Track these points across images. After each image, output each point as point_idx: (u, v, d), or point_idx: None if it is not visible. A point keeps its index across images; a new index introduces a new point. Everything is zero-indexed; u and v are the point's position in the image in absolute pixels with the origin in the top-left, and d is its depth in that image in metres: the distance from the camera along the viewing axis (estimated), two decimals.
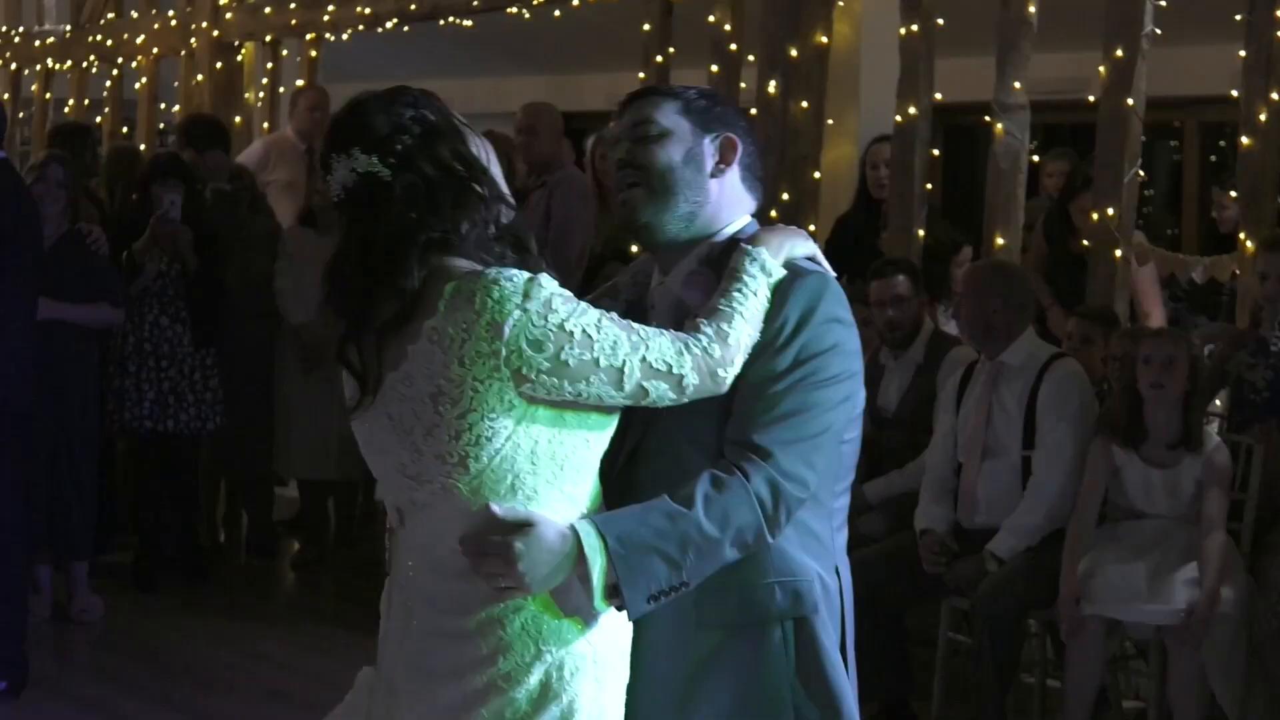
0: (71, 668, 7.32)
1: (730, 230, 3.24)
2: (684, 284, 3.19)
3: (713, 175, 3.21)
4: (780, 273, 3.09)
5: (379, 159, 2.91)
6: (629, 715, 3.05)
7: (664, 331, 2.94)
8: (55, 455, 7.59)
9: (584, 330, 2.84)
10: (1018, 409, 6.42)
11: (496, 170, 3.04)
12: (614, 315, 2.92)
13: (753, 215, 3.31)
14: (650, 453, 3.11)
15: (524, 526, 2.83)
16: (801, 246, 3.19)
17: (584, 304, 2.89)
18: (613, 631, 2.97)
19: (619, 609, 2.90)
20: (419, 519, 2.96)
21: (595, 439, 2.96)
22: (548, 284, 2.85)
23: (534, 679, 2.88)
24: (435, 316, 2.84)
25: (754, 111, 8.64)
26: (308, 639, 7.74)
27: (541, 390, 2.84)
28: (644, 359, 2.89)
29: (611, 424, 2.99)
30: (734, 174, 3.24)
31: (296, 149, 10.59)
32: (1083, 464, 6.25)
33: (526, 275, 2.84)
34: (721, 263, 3.14)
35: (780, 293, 3.07)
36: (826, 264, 3.23)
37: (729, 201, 3.25)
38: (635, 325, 2.92)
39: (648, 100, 3.24)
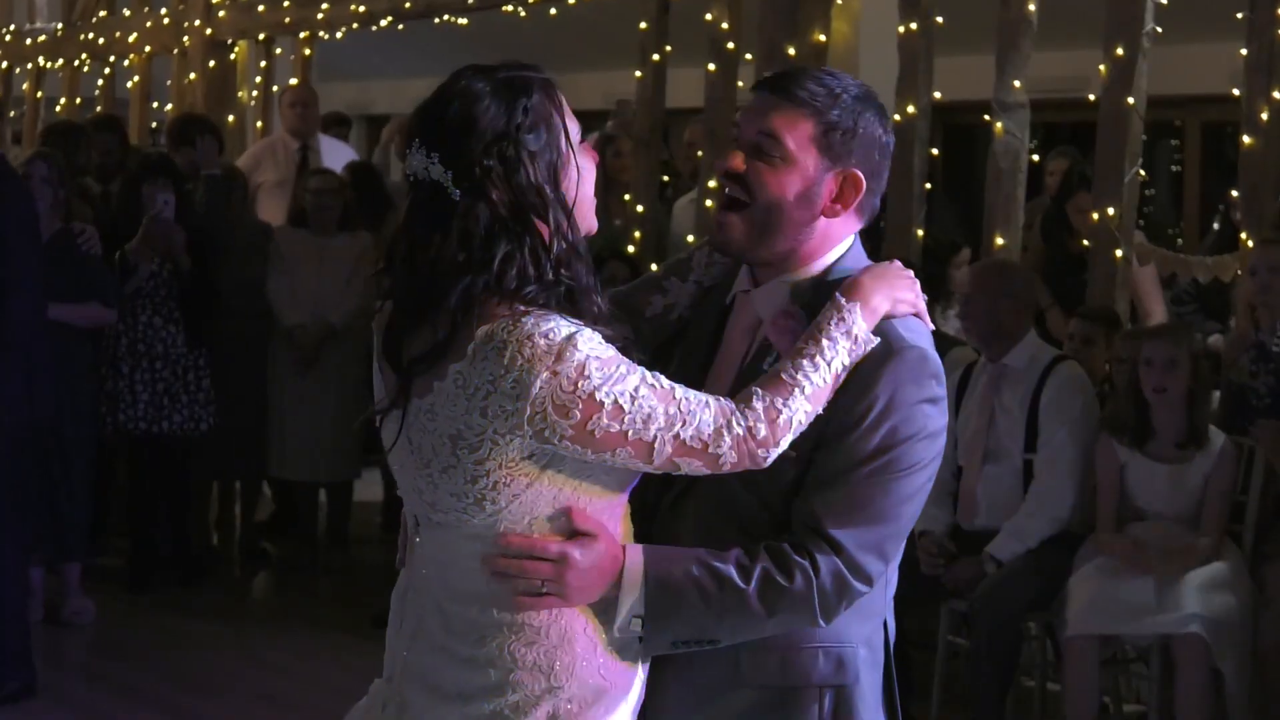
0: (64, 671, 7.31)
1: (830, 258, 3.03)
2: (772, 325, 2.99)
3: (824, 214, 2.99)
4: (871, 343, 2.89)
5: (454, 178, 2.78)
6: None
7: (709, 403, 2.79)
8: (49, 456, 7.58)
9: (616, 401, 2.72)
10: (1020, 412, 6.42)
11: (588, 192, 2.92)
12: (658, 378, 2.78)
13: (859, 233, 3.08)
14: (702, 490, 2.97)
15: (586, 536, 2.81)
16: (904, 296, 2.98)
17: (626, 367, 2.75)
18: (625, 675, 2.91)
19: (640, 640, 2.87)
20: (433, 535, 2.92)
21: (624, 486, 2.90)
22: (585, 345, 2.71)
23: (542, 712, 2.83)
24: (462, 362, 2.75)
25: None
26: (301, 642, 7.74)
27: (563, 453, 2.76)
28: (678, 435, 2.76)
29: (637, 477, 2.90)
30: (849, 213, 3.01)
31: (288, 148, 10.59)
32: (1085, 468, 6.26)
33: (565, 333, 2.71)
34: (816, 303, 2.94)
35: (872, 371, 2.88)
36: (928, 316, 3.04)
37: (835, 235, 3.02)
38: (679, 393, 2.78)
39: (784, 110, 2.96)
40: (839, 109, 2.95)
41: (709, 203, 8.30)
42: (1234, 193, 7.63)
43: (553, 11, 10.61)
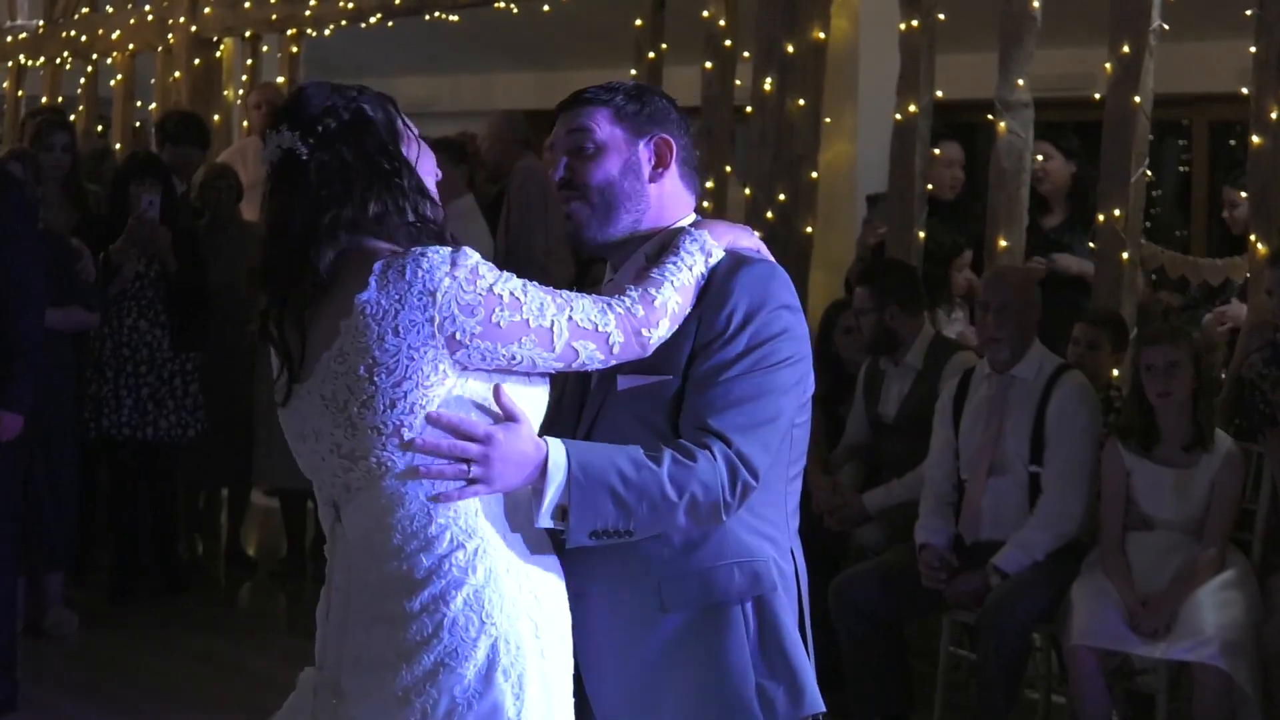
0: (45, 684, 7.30)
1: (676, 227, 3.37)
2: (633, 276, 3.28)
3: (651, 180, 3.35)
4: (720, 253, 3.26)
5: (300, 137, 3.04)
6: (591, 703, 3.22)
7: (585, 294, 3.10)
8: (32, 464, 7.58)
9: (512, 293, 2.98)
10: (1027, 423, 6.43)
11: (429, 175, 3.18)
12: (537, 283, 3.04)
13: (695, 210, 3.44)
14: (602, 432, 3.23)
15: (510, 420, 3.00)
16: (746, 239, 3.35)
17: (508, 272, 3.01)
18: (555, 604, 3.10)
19: (561, 534, 3.06)
20: (354, 506, 3.06)
21: (529, 413, 3.06)
22: (472, 254, 2.99)
23: (480, 653, 2.97)
24: (368, 290, 2.95)
25: (750, 109, 8.65)
26: (288, 653, 7.71)
27: (476, 356, 2.97)
28: (570, 318, 3.03)
29: (542, 398, 3.12)
30: (671, 174, 3.37)
31: (258, 149, 10.58)
32: (1092, 480, 6.27)
33: (450, 247, 2.99)
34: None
35: (728, 280, 3.21)
36: (769, 256, 3.37)
37: (670, 202, 3.37)
38: (558, 290, 3.06)
39: (580, 110, 3.35)
40: (622, 94, 3.36)
41: (705, 204, 8.31)
42: (1242, 194, 7.62)
43: (545, 8, 10.62)
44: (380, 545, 3.02)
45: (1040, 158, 8.08)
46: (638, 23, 9.54)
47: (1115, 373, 6.90)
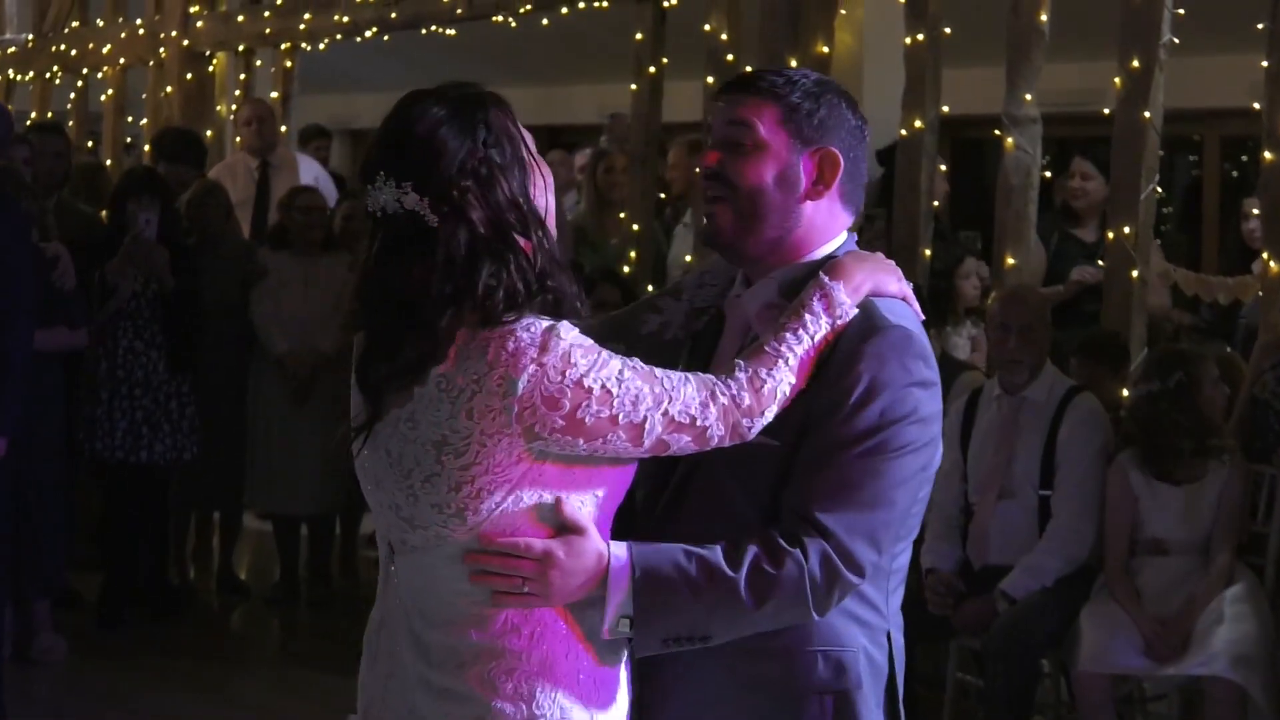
0: (33, 712, 7.29)
1: (822, 253, 3.11)
2: (757, 316, 3.08)
3: (806, 197, 3.08)
4: (850, 314, 2.96)
5: (431, 205, 2.82)
6: None
7: (690, 378, 2.87)
8: (21, 486, 7.57)
9: (604, 385, 2.78)
10: (1038, 446, 6.42)
11: (551, 203, 2.96)
12: (638, 362, 2.85)
13: (849, 230, 3.19)
14: (696, 489, 3.04)
15: (572, 534, 2.84)
16: (889, 283, 3.05)
17: (606, 354, 2.82)
18: (615, 696, 2.94)
19: (629, 642, 2.90)
20: (409, 560, 2.93)
21: (608, 495, 2.92)
22: (567, 334, 2.79)
23: None
24: (446, 364, 2.81)
25: None
26: (283, 681, 7.73)
27: (554, 447, 2.80)
28: (666, 412, 2.82)
29: (626, 479, 2.94)
30: (831, 193, 3.10)
31: (247, 166, 10.60)
32: (1103, 504, 6.27)
33: (545, 325, 2.79)
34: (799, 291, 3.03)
35: (856, 347, 2.94)
36: (916, 304, 3.11)
37: (823, 222, 3.11)
38: (659, 374, 2.85)
39: (747, 101, 3.08)
40: (799, 92, 3.07)
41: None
42: (1254, 210, 7.63)
43: (545, 21, 10.64)
44: (432, 609, 2.90)
45: (1079, 176, 8.12)
46: (638, 37, 9.55)
47: (1125, 392, 6.90)
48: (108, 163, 12.26)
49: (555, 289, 2.87)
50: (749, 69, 8.36)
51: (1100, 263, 7.86)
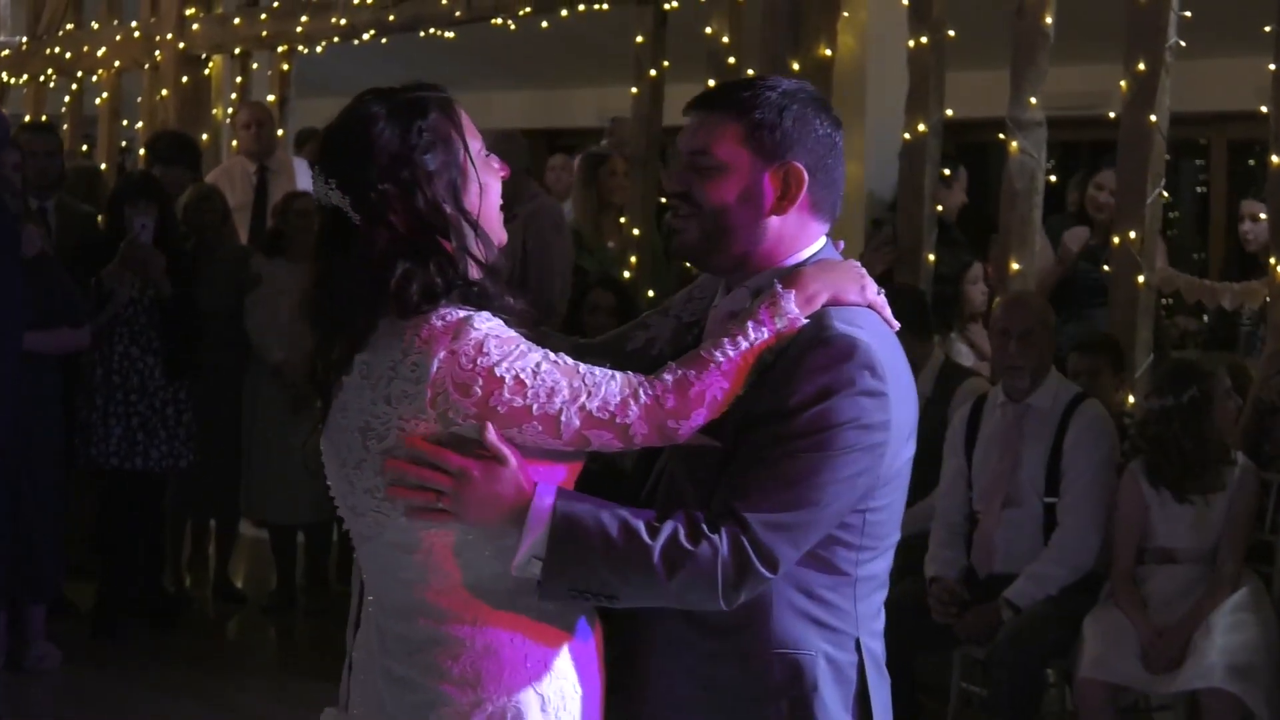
0: None
1: (793, 262, 3.14)
2: (714, 322, 3.15)
3: (772, 212, 3.11)
4: (798, 323, 2.98)
5: (352, 204, 2.94)
6: None
7: (616, 376, 2.91)
8: (18, 492, 7.58)
9: (516, 376, 2.84)
10: (1043, 453, 6.43)
11: (494, 201, 3.06)
12: (561, 357, 2.90)
13: (827, 236, 3.21)
14: (663, 487, 3.14)
15: (494, 459, 2.87)
16: (849, 292, 3.07)
17: (526, 345, 2.88)
18: (572, 680, 2.99)
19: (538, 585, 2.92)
20: (364, 551, 3.03)
21: (562, 471, 2.97)
22: (482, 324, 2.87)
23: None
24: (366, 351, 2.92)
25: None
26: (280, 690, 7.73)
27: (471, 433, 2.86)
28: (584, 408, 2.86)
29: (558, 475, 2.97)
30: (798, 206, 3.12)
31: (245, 170, 10.60)
32: (1110, 512, 6.27)
33: (461, 314, 2.87)
34: None
35: (797, 357, 2.96)
36: (886, 310, 3.14)
37: (790, 235, 3.13)
38: (583, 369, 2.90)
39: (709, 119, 3.13)
40: (763, 107, 3.09)
41: None
42: (1262, 215, 7.63)
43: (544, 24, 10.64)
44: (385, 597, 3.00)
45: (1108, 190, 8.15)
46: (639, 39, 9.55)
47: (1131, 399, 6.91)
48: (103, 166, 12.27)
49: (480, 288, 2.95)
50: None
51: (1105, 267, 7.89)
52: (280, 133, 11.53)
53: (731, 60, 9.02)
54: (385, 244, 2.92)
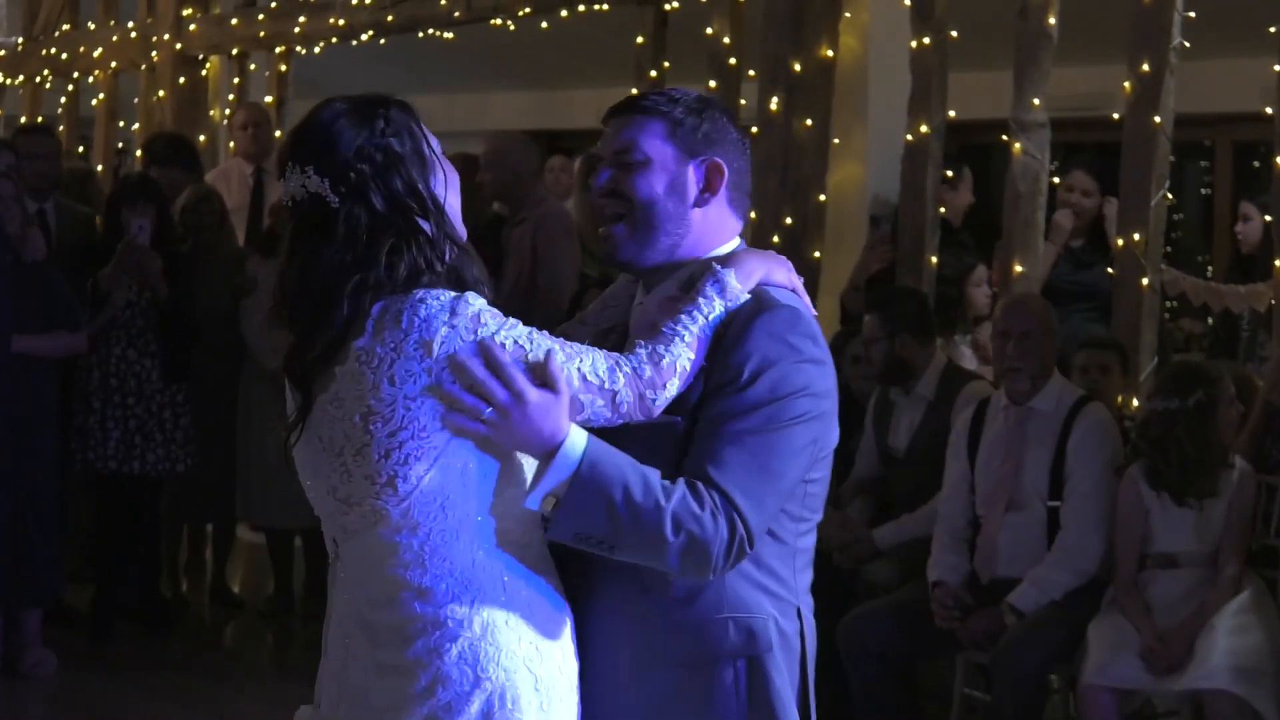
0: None
1: (715, 255, 3.33)
2: (659, 307, 3.28)
3: (696, 204, 3.30)
4: (741, 298, 3.19)
5: (330, 185, 3.04)
6: None
7: (595, 350, 3.08)
8: (15, 496, 7.58)
9: (516, 341, 2.99)
10: (1046, 457, 6.43)
11: (455, 202, 3.17)
12: (545, 332, 3.05)
13: (740, 236, 3.39)
14: None
15: (549, 389, 2.98)
16: (779, 275, 3.28)
17: (513, 319, 3.02)
18: (558, 660, 3.09)
19: (544, 518, 3.06)
20: (351, 546, 3.11)
21: (528, 461, 3.07)
22: (475, 300, 3.00)
23: (475, 708, 3.00)
24: (364, 337, 2.99)
25: (755, 130, 8.66)
26: (277, 696, 7.72)
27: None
28: (578, 369, 3.02)
29: None
30: (719, 200, 3.32)
31: (242, 172, 10.60)
32: (1113, 517, 6.28)
33: (452, 294, 3.00)
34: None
35: (746, 325, 3.15)
36: (806, 297, 3.32)
37: (713, 228, 3.33)
38: (568, 343, 3.05)
39: (631, 120, 3.31)
40: (681, 108, 3.32)
41: None
42: (1267, 217, 7.63)
43: (544, 25, 10.64)
44: (376, 591, 3.06)
45: (1080, 192, 8.15)
46: (639, 40, 9.56)
47: (1135, 402, 6.91)
48: (99, 168, 12.27)
49: (458, 268, 3.08)
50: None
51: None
52: (278, 134, 11.53)
53: (732, 61, 9.02)
54: (368, 222, 3.03)
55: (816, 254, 8.47)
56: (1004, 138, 7.80)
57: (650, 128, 3.29)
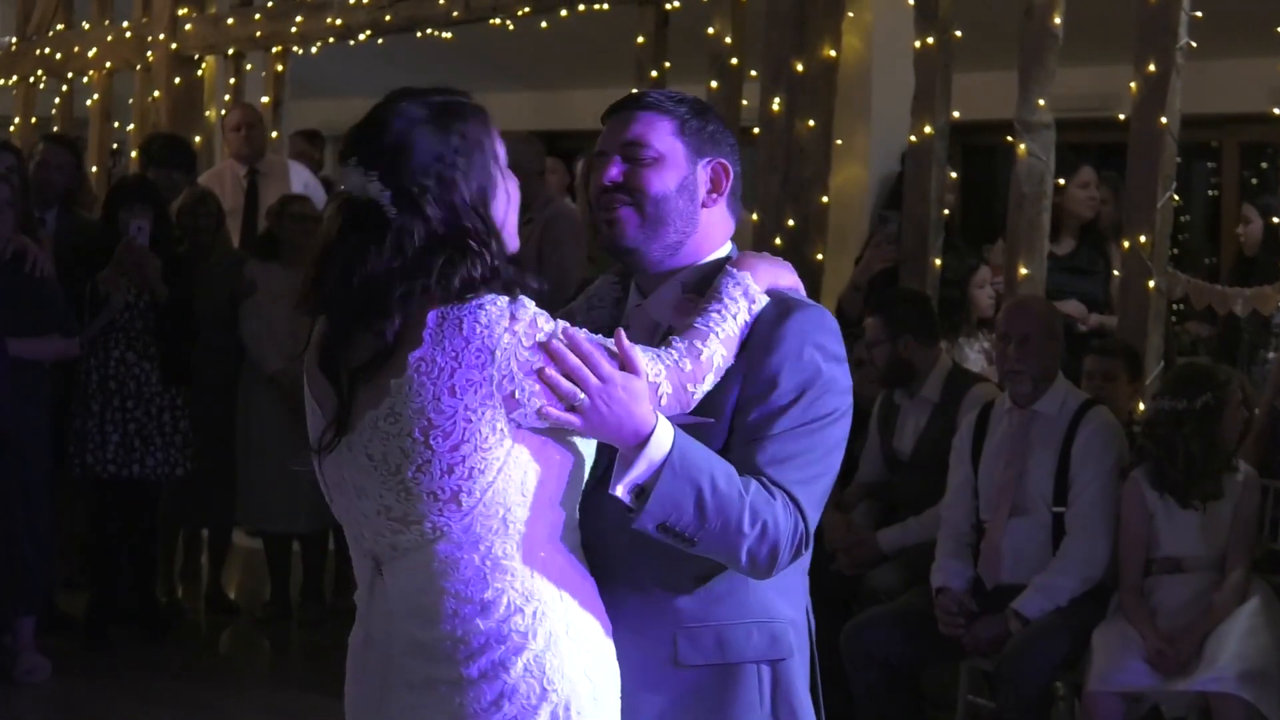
0: None
1: (714, 257, 3.38)
2: (674, 310, 3.31)
3: (703, 204, 3.34)
4: (763, 300, 3.24)
5: (392, 198, 3.01)
6: None
7: (638, 345, 3.09)
8: (7, 502, 7.58)
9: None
10: (1050, 461, 6.43)
11: (513, 218, 3.17)
12: (586, 331, 3.06)
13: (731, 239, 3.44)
14: None
15: (631, 374, 3.01)
16: (787, 279, 3.34)
17: (564, 322, 3.04)
18: (608, 664, 3.10)
19: (628, 509, 3.05)
20: (401, 566, 3.05)
21: (578, 467, 3.09)
22: (529, 303, 3.01)
23: (542, 718, 3.00)
24: (421, 347, 2.95)
25: (757, 131, 8.67)
26: (273, 703, 7.73)
27: (532, 415, 2.97)
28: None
29: (591, 450, 3.13)
30: (722, 201, 3.37)
31: (235, 174, 10.60)
32: (1119, 521, 6.28)
33: (508, 298, 2.99)
34: (705, 288, 3.30)
35: (776, 327, 3.22)
36: (804, 294, 3.38)
37: (715, 229, 3.38)
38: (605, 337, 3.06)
39: (641, 117, 3.33)
40: (686, 107, 3.36)
41: None
42: (1274, 219, 7.65)
43: (544, 24, 10.64)
44: (431, 607, 3.02)
45: (1092, 186, 8.18)
46: (639, 40, 9.56)
47: (1141, 407, 6.91)
48: (93, 169, 12.27)
49: (514, 281, 3.05)
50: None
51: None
52: (275, 135, 11.55)
53: (734, 61, 9.02)
54: (423, 237, 3.00)
55: (819, 256, 8.47)
56: (1008, 139, 7.80)
57: (660, 125, 3.32)
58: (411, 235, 2.99)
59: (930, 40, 8.04)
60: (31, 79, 13.53)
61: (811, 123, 8.46)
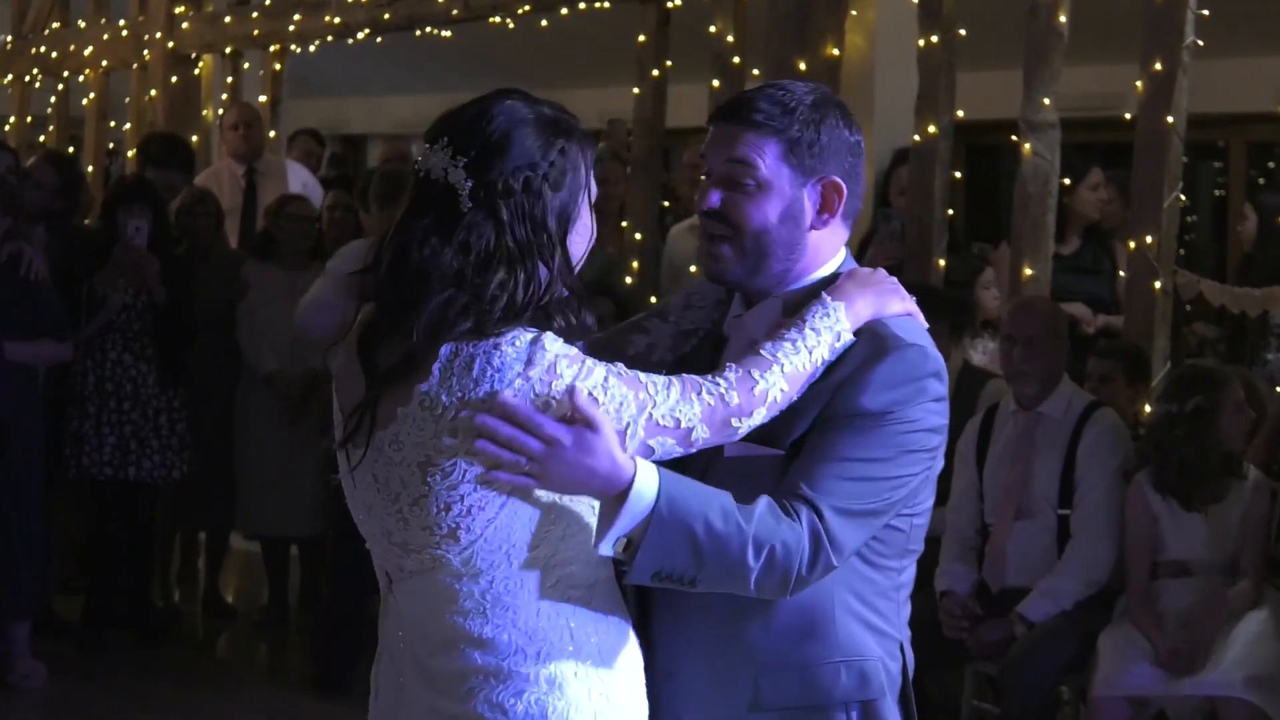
0: None
1: (824, 271, 3.21)
2: (767, 332, 3.13)
3: (812, 227, 3.17)
4: (845, 337, 3.05)
5: (471, 190, 2.88)
6: None
7: (673, 381, 2.92)
8: (2, 504, 7.57)
9: (589, 394, 2.84)
10: (1056, 464, 6.43)
11: (583, 254, 3.03)
12: (621, 369, 2.90)
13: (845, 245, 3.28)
14: None
15: (585, 425, 2.84)
16: (892, 304, 3.15)
17: (591, 362, 2.88)
18: (630, 708, 2.99)
19: (620, 565, 2.94)
20: (408, 586, 2.99)
21: (587, 506, 2.95)
22: (551, 345, 2.85)
23: None
24: (428, 381, 2.85)
25: None
26: (271, 707, 7.73)
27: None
28: (650, 416, 2.88)
29: None
30: (835, 221, 3.19)
31: (232, 173, 10.60)
32: (1124, 523, 6.28)
33: (530, 336, 2.85)
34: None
35: (863, 370, 3.04)
36: (922, 316, 3.21)
37: (826, 247, 3.21)
38: (644, 379, 2.91)
39: (745, 136, 3.13)
40: (798, 122, 3.12)
41: None
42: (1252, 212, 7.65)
43: (544, 23, 10.64)
44: (434, 635, 2.96)
45: (1101, 188, 8.18)
46: (641, 39, 9.55)
47: (1148, 408, 6.91)
48: (89, 169, 12.27)
49: (562, 310, 2.92)
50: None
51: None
52: (273, 134, 11.55)
53: (736, 60, 9.01)
54: (491, 244, 2.88)
55: None
56: (1013, 138, 7.80)
57: (766, 148, 3.11)
58: (480, 237, 2.88)
59: (934, 39, 8.03)
60: (27, 78, 13.52)
61: None
